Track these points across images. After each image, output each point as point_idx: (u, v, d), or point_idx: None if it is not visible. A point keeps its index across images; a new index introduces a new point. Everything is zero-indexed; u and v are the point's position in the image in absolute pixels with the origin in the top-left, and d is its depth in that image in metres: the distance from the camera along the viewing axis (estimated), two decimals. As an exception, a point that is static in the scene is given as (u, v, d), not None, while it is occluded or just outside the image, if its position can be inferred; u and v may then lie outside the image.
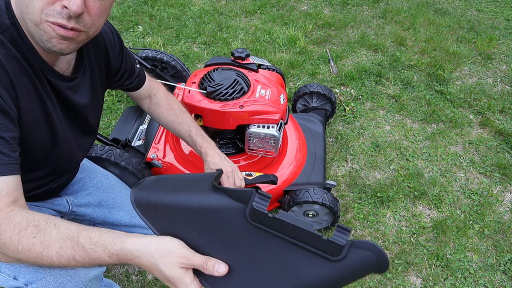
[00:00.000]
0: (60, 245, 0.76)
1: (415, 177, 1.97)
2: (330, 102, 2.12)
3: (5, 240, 0.76)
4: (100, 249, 0.75)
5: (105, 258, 0.75)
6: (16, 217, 0.77)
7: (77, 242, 0.76)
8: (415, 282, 1.60)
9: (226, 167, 1.31)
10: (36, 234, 0.76)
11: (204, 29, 2.95)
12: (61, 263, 0.77)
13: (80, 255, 0.76)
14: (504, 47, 2.86)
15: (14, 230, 0.76)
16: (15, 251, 0.76)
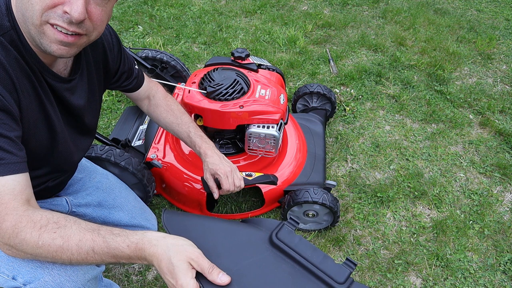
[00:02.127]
0: (80, 238, 0.80)
1: (415, 177, 1.97)
2: (330, 102, 2.12)
3: (25, 237, 0.78)
4: (121, 239, 0.80)
5: (124, 248, 0.80)
6: (35, 215, 0.79)
7: (98, 234, 0.81)
8: (415, 282, 1.60)
9: (225, 167, 1.31)
10: (57, 230, 0.79)
11: (204, 29, 2.95)
12: (80, 255, 0.80)
13: (100, 246, 0.80)
14: (504, 47, 2.86)
15: (35, 227, 0.78)
16: (35, 247, 0.78)
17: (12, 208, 0.78)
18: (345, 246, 1.70)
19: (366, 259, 1.66)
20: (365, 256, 1.67)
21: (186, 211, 1.78)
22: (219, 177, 1.30)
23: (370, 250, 1.69)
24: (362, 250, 1.70)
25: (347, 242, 1.71)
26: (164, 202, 1.84)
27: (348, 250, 1.69)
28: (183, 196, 1.73)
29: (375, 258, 1.67)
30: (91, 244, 0.80)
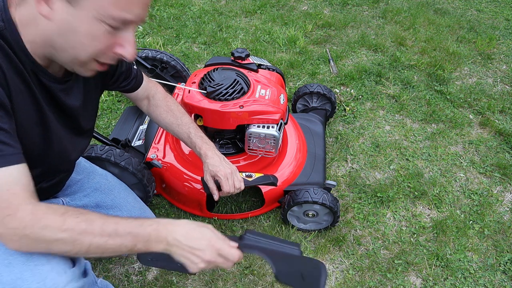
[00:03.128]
0: (103, 221, 0.84)
1: (415, 177, 1.97)
2: (330, 102, 2.12)
3: (48, 222, 0.80)
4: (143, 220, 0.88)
5: (146, 227, 0.86)
6: (52, 204, 0.83)
7: (120, 218, 0.87)
8: (415, 282, 1.60)
9: (225, 169, 1.31)
10: (79, 215, 0.83)
11: (204, 29, 2.95)
12: (102, 238, 0.83)
13: (123, 227, 0.85)
14: (504, 47, 2.86)
15: (56, 213, 0.81)
16: (59, 231, 0.80)
17: (25, 197, 0.79)
18: (345, 246, 1.70)
19: (366, 259, 1.66)
20: (365, 256, 1.68)
21: (186, 211, 1.78)
22: (219, 179, 1.30)
23: (370, 250, 1.69)
24: (362, 250, 1.70)
25: (347, 242, 1.71)
26: (164, 202, 1.84)
27: (348, 250, 1.69)
28: (183, 196, 1.73)
29: (375, 258, 1.67)
30: (114, 226, 0.84)
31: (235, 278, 1.59)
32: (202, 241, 0.90)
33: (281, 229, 1.74)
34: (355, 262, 1.66)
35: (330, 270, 1.64)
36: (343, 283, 1.59)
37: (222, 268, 1.04)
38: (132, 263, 1.64)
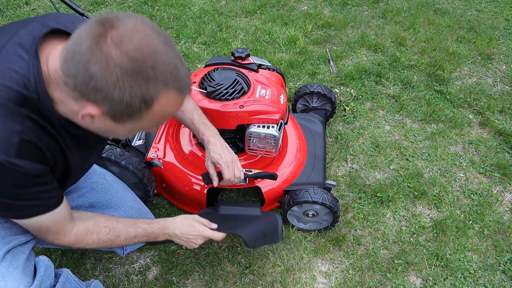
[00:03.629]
0: (126, 232, 1.18)
1: (415, 177, 1.97)
2: (330, 102, 2.12)
3: (88, 242, 1.10)
4: (153, 225, 1.24)
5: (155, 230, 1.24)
6: (87, 225, 1.10)
7: (137, 226, 1.21)
8: (415, 282, 1.60)
9: (226, 157, 1.34)
10: (109, 231, 1.14)
11: (204, 29, 2.95)
12: (126, 242, 1.19)
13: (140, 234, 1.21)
14: (504, 47, 2.86)
15: (93, 234, 1.11)
16: (95, 245, 1.13)
17: (69, 228, 1.06)
18: (345, 246, 1.70)
19: (366, 259, 1.66)
20: (365, 256, 1.68)
21: (186, 210, 1.78)
22: (220, 166, 1.33)
23: (370, 250, 1.70)
24: (362, 250, 1.70)
25: (347, 242, 1.71)
26: (164, 202, 1.84)
27: (348, 250, 1.69)
28: (183, 195, 1.73)
29: (375, 258, 1.67)
30: (134, 234, 1.19)
31: (235, 278, 1.60)
32: (193, 232, 1.28)
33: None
34: (355, 262, 1.66)
35: (330, 270, 1.64)
36: (343, 283, 1.59)
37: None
38: (132, 263, 1.65)
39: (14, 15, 3.16)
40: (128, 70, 0.75)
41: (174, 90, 0.81)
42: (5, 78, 0.83)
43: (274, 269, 1.62)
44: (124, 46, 0.75)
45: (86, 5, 3.26)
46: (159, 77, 0.78)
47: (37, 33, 0.88)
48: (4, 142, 0.82)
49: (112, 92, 0.76)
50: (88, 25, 0.78)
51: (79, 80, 0.77)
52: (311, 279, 1.60)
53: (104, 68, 0.74)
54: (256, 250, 1.68)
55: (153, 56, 0.76)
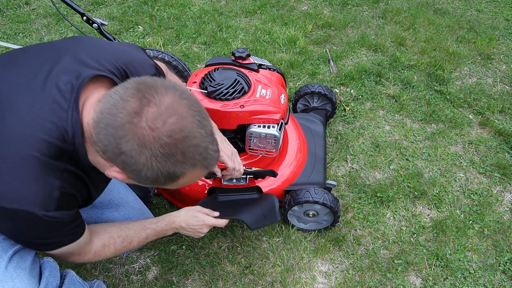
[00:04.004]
0: (138, 237, 1.23)
1: (415, 177, 1.97)
2: (330, 102, 2.12)
3: (106, 255, 1.17)
4: (160, 223, 1.29)
5: (163, 227, 1.29)
6: (103, 240, 1.15)
7: (146, 228, 1.26)
8: (415, 282, 1.60)
9: (226, 149, 1.37)
10: (123, 241, 1.19)
11: (204, 29, 2.95)
12: (138, 245, 1.25)
13: (151, 234, 1.27)
14: (504, 47, 2.86)
15: (110, 248, 1.16)
16: (112, 256, 1.20)
17: (89, 248, 1.11)
18: (345, 246, 1.70)
19: (366, 259, 1.66)
20: (365, 256, 1.68)
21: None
22: (222, 158, 1.35)
23: (370, 250, 1.70)
24: (362, 250, 1.70)
25: (347, 242, 1.72)
26: (165, 202, 1.84)
27: (348, 250, 1.69)
28: (183, 195, 1.73)
29: (375, 258, 1.67)
30: (145, 236, 1.25)
31: (235, 278, 1.60)
32: (198, 222, 1.33)
33: (281, 229, 1.74)
34: (355, 262, 1.66)
35: (330, 270, 1.64)
36: (343, 283, 1.59)
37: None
38: (132, 263, 1.65)
39: (14, 15, 3.15)
40: (158, 154, 0.78)
41: (200, 168, 0.85)
42: (44, 131, 0.84)
43: (274, 269, 1.62)
44: (157, 130, 0.77)
45: (86, 5, 3.26)
46: (188, 161, 0.81)
47: (75, 79, 0.89)
48: (45, 198, 0.86)
49: (140, 169, 0.80)
50: (125, 93, 0.79)
51: (110, 150, 0.80)
52: (311, 279, 1.61)
53: (136, 149, 0.78)
54: (256, 250, 1.68)
55: (185, 141, 0.79)
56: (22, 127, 0.84)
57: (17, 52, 1.01)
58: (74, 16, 3.07)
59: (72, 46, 0.99)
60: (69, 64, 0.92)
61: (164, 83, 0.82)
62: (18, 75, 0.91)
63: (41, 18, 3.13)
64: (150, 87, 0.80)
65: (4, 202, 0.83)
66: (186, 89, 0.85)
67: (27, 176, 0.83)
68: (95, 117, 0.81)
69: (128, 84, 0.82)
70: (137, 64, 1.06)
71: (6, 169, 0.83)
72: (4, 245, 0.99)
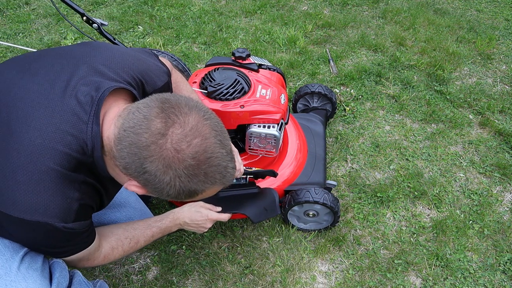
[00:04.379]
0: (144, 236, 1.24)
1: (415, 177, 1.97)
2: (330, 102, 2.12)
3: (115, 258, 1.17)
4: (164, 221, 1.30)
5: (168, 224, 1.30)
6: (111, 243, 1.16)
7: (151, 226, 1.26)
8: (415, 282, 1.60)
9: None
10: (130, 241, 1.20)
11: (204, 29, 2.95)
12: (145, 244, 1.25)
13: (156, 232, 1.27)
14: (504, 47, 2.86)
15: (118, 250, 1.17)
16: (121, 257, 1.21)
17: (98, 253, 1.12)
18: (345, 246, 1.70)
19: (366, 259, 1.66)
20: (365, 256, 1.68)
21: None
22: None
23: (370, 250, 1.70)
24: (362, 250, 1.70)
25: (347, 242, 1.72)
26: (165, 202, 1.84)
27: (348, 250, 1.69)
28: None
29: (375, 258, 1.67)
30: (151, 234, 1.26)
31: (235, 278, 1.60)
32: (201, 217, 1.34)
33: (281, 228, 1.74)
34: (355, 262, 1.66)
35: (330, 270, 1.64)
36: (343, 283, 1.59)
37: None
38: (132, 263, 1.65)
39: (14, 15, 3.15)
40: (182, 175, 0.81)
41: (218, 185, 0.88)
42: (64, 143, 0.85)
43: (274, 269, 1.62)
44: (182, 152, 0.79)
45: (86, 5, 3.26)
46: (209, 180, 0.85)
47: (94, 91, 0.89)
48: (65, 210, 0.87)
49: (163, 188, 0.83)
50: (149, 112, 0.81)
51: (132, 168, 0.82)
52: (311, 279, 1.61)
53: (160, 170, 0.80)
54: (256, 250, 1.68)
55: (208, 161, 0.82)
56: (42, 139, 0.84)
57: (30, 59, 1.00)
58: (74, 16, 3.07)
59: (88, 55, 0.99)
60: (87, 75, 0.92)
61: (188, 103, 0.84)
62: (34, 85, 0.91)
63: (41, 18, 3.13)
64: (174, 106, 0.81)
65: (23, 213, 0.84)
66: (207, 109, 0.87)
67: (46, 189, 0.84)
68: (117, 134, 0.83)
69: (151, 102, 0.83)
70: (152, 73, 1.07)
71: (25, 181, 0.83)
72: (14, 246, 1.00)
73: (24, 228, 0.88)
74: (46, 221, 0.85)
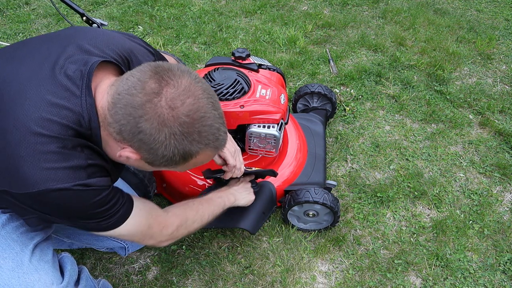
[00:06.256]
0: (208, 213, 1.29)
1: (415, 177, 1.97)
2: (330, 102, 2.12)
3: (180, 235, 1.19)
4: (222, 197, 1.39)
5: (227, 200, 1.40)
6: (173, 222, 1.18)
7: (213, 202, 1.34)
8: (415, 282, 1.60)
9: (230, 146, 1.38)
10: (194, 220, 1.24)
11: (204, 29, 2.95)
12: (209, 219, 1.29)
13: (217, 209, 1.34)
14: (504, 47, 2.86)
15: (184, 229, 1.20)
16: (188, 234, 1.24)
17: (165, 214, 1.19)
18: (345, 246, 1.70)
19: (366, 259, 1.66)
20: (365, 256, 1.68)
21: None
22: (224, 154, 1.36)
23: (370, 250, 1.70)
24: (362, 250, 1.70)
25: (347, 242, 1.72)
26: (165, 202, 1.84)
27: (348, 250, 1.69)
28: (184, 195, 1.73)
29: (375, 258, 1.67)
30: (213, 211, 1.31)
31: (235, 278, 1.60)
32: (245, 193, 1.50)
33: (281, 228, 1.74)
34: (355, 262, 1.66)
35: (330, 270, 1.64)
36: (343, 283, 1.59)
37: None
38: (132, 263, 1.65)
39: (14, 15, 3.15)
40: (177, 132, 0.82)
41: (211, 148, 0.90)
42: (62, 117, 0.85)
43: (274, 269, 1.62)
44: (176, 109, 0.81)
45: (86, 5, 3.26)
46: (203, 140, 0.86)
47: (83, 66, 0.89)
48: (75, 170, 0.86)
49: (158, 148, 0.83)
50: (143, 75, 0.82)
51: (127, 130, 0.82)
52: (311, 279, 1.61)
53: (155, 128, 0.81)
54: (256, 250, 1.68)
55: (201, 120, 0.84)
56: (39, 113, 0.83)
57: (14, 47, 1.01)
58: (74, 16, 3.07)
59: (74, 36, 0.99)
60: (73, 54, 0.93)
61: (180, 67, 0.87)
62: (22, 67, 0.91)
63: (41, 18, 3.13)
64: (167, 70, 0.84)
65: (36, 186, 0.82)
66: (198, 74, 0.89)
67: (51, 156, 0.83)
68: (111, 99, 0.84)
69: (144, 67, 0.85)
70: (138, 53, 1.08)
71: (29, 153, 0.82)
72: (22, 239, 1.01)
73: (47, 201, 0.86)
74: (60, 186, 0.83)
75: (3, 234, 1.01)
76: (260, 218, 1.57)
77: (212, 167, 1.52)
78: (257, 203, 1.57)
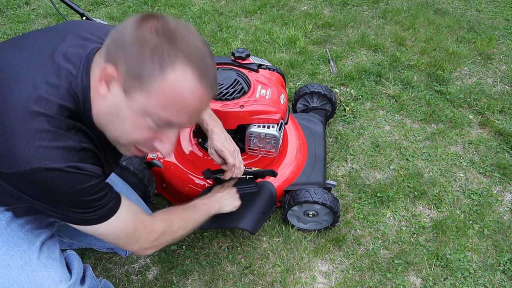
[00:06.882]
0: (193, 219, 1.25)
1: (415, 177, 1.97)
2: (330, 102, 2.12)
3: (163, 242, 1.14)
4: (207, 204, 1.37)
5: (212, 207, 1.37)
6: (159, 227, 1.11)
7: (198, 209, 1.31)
8: (415, 282, 1.60)
9: (229, 146, 1.38)
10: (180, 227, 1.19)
11: (204, 29, 2.95)
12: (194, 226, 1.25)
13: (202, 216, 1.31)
14: (503, 47, 2.86)
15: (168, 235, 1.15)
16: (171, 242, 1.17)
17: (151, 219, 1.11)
18: (345, 246, 1.70)
19: (366, 259, 1.66)
20: (365, 256, 1.68)
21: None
22: (223, 153, 1.36)
23: (370, 250, 1.70)
24: (362, 250, 1.70)
25: (347, 242, 1.72)
26: (165, 202, 1.84)
27: (348, 250, 1.69)
28: (183, 195, 1.73)
29: (375, 258, 1.67)
30: (198, 217, 1.28)
31: (235, 278, 1.60)
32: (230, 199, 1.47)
33: (281, 228, 1.74)
34: (355, 262, 1.66)
35: (330, 270, 1.64)
36: (343, 283, 1.59)
37: None
38: (132, 263, 1.65)
39: (14, 15, 3.16)
40: (159, 29, 0.77)
41: (193, 69, 0.77)
42: (59, 97, 0.84)
43: (274, 269, 1.62)
44: (162, 26, 0.77)
45: (86, 5, 3.26)
46: (183, 48, 0.76)
47: (82, 50, 0.89)
48: (67, 150, 0.84)
49: (133, 51, 0.77)
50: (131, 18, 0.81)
51: (112, 43, 0.81)
52: (311, 279, 1.61)
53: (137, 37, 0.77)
54: (256, 250, 1.68)
55: (186, 37, 0.78)
56: (36, 93, 0.83)
57: (15, 39, 1.01)
58: (74, 16, 3.07)
59: (72, 26, 1.00)
60: (72, 41, 0.93)
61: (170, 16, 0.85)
62: (21, 54, 0.92)
63: (41, 18, 3.13)
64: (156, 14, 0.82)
65: (25, 164, 0.80)
66: None
67: (45, 135, 0.82)
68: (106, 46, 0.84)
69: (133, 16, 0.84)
70: None
71: (23, 132, 0.81)
72: (29, 237, 1.01)
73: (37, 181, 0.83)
74: (53, 166, 0.81)
75: (9, 232, 1.01)
76: (260, 218, 1.56)
77: (212, 167, 1.52)
78: (257, 203, 1.57)
